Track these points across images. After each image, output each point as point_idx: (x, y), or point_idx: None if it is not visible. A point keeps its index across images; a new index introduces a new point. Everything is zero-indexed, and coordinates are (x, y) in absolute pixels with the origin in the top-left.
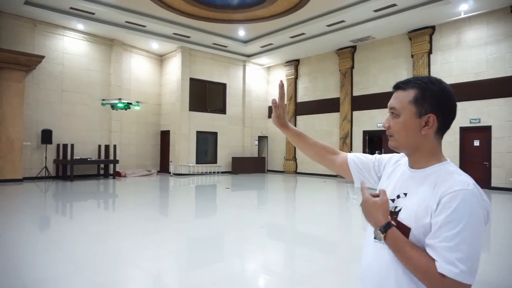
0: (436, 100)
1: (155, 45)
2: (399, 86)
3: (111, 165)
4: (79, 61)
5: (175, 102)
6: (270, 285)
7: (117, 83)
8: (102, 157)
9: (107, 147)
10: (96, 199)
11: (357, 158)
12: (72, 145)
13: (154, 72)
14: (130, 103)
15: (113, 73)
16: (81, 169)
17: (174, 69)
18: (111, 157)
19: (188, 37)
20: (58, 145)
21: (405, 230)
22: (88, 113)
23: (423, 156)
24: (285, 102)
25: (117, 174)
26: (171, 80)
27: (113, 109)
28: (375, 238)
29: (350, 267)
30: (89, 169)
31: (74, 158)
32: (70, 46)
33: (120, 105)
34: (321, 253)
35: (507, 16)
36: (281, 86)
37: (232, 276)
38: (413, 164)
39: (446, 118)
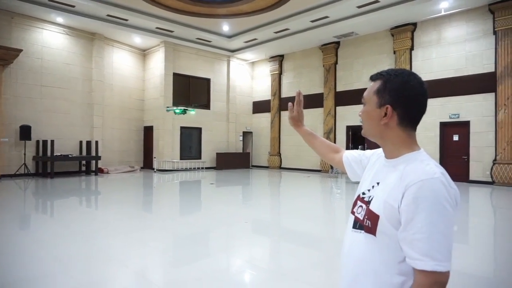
0: (395, 92)
1: (138, 39)
2: (371, 78)
3: (93, 162)
4: (59, 55)
5: (158, 98)
6: (256, 281)
7: (99, 78)
8: (84, 153)
9: (88, 143)
10: (78, 196)
11: (350, 154)
12: (52, 141)
13: (137, 67)
14: (186, 109)
15: (94, 68)
16: (62, 166)
17: (158, 64)
18: (93, 153)
19: (172, 31)
20: (37, 142)
21: (375, 217)
22: (69, 108)
23: (390, 146)
24: (302, 107)
25: (99, 171)
26: (154, 75)
27: (175, 114)
28: (353, 227)
29: (334, 261)
30: (70, 165)
31: (55, 154)
32: (49, 40)
33: (177, 110)
34: (306, 247)
35: (485, 14)
36: (298, 94)
37: (218, 272)
38: (386, 154)
39: (405, 111)
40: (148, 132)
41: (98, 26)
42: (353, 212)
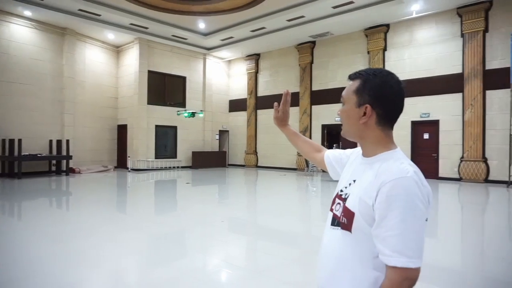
0: (374, 92)
1: (111, 35)
2: (350, 77)
3: (64, 161)
4: (28, 50)
5: (132, 95)
6: (233, 279)
7: (70, 75)
8: (54, 152)
9: (59, 142)
10: (48, 197)
11: (331, 153)
12: (20, 140)
13: (110, 64)
14: (195, 112)
15: (65, 64)
16: (30, 166)
17: (132, 61)
18: (64, 153)
19: (146, 28)
20: (3, 140)
21: (350, 214)
22: (38, 106)
23: (368, 144)
24: (288, 106)
25: (70, 171)
26: (128, 73)
27: (185, 118)
28: (331, 224)
29: (311, 257)
30: (39, 165)
31: (22, 154)
32: (16, 34)
33: (185, 114)
34: (283, 245)
35: (453, 17)
36: (286, 93)
37: (194, 271)
38: (364, 153)
39: (384, 110)
40: (122, 130)
41: (69, 21)
42: (331, 210)
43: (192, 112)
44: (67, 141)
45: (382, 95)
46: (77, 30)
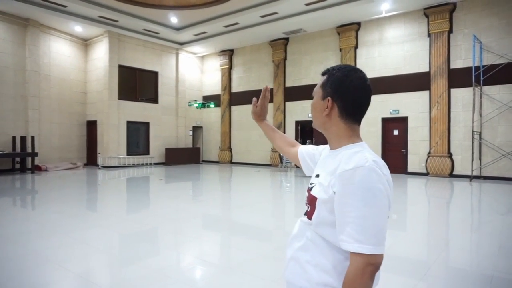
0: (334, 86)
1: (79, 28)
2: (322, 73)
3: (29, 159)
4: None
5: (102, 90)
6: (205, 275)
7: (34, 68)
8: (18, 149)
9: (23, 138)
10: (10, 196)
11: (305, 149)
12: None
13: (78, 58)
14: (205, 103)
15: (29, 57)
16: None
17: (101, 55)
18: (29, 150)
19: (116, 21)
20: None
21: (314, 200)
22: None
23: (332, 137)
24: (268, 102)
25: (36, 168)
26: (97, 67)
27: (197, 108)
28: (304, 214)
29: (284, 252)
30: (1, 163)
31: None
32: None
33: (196, 105)
34: (256, 240)
35: (420, 18)
36: (265, 89)
37: (167, 269)
38: (330, 146)
39: (344, 103)
40: (91, 126)
41: (32, 11)
42: (306, 204)
43: (203, 103)
44: (32, 137)
45: (341, 88)
46: (41, 21)
